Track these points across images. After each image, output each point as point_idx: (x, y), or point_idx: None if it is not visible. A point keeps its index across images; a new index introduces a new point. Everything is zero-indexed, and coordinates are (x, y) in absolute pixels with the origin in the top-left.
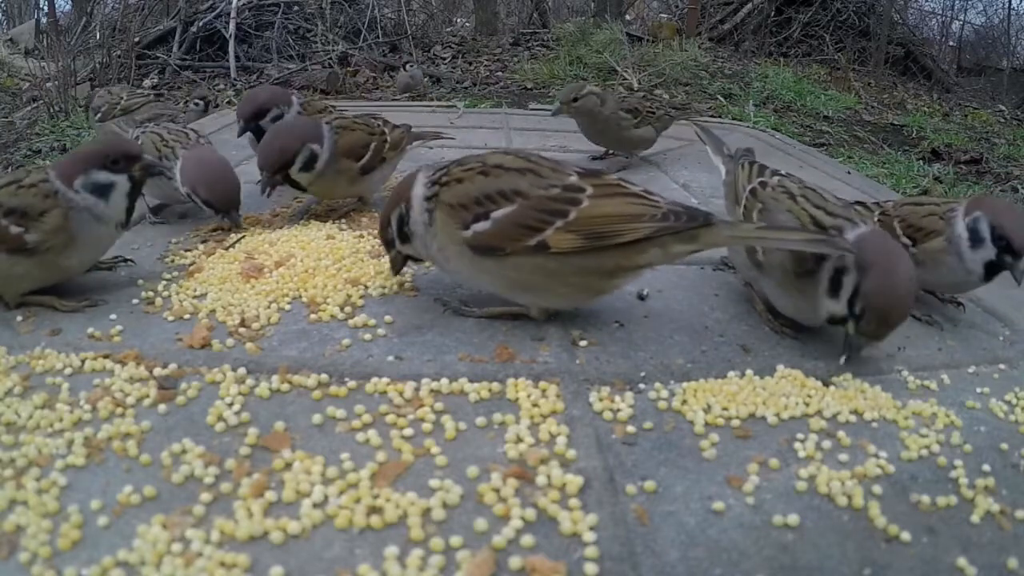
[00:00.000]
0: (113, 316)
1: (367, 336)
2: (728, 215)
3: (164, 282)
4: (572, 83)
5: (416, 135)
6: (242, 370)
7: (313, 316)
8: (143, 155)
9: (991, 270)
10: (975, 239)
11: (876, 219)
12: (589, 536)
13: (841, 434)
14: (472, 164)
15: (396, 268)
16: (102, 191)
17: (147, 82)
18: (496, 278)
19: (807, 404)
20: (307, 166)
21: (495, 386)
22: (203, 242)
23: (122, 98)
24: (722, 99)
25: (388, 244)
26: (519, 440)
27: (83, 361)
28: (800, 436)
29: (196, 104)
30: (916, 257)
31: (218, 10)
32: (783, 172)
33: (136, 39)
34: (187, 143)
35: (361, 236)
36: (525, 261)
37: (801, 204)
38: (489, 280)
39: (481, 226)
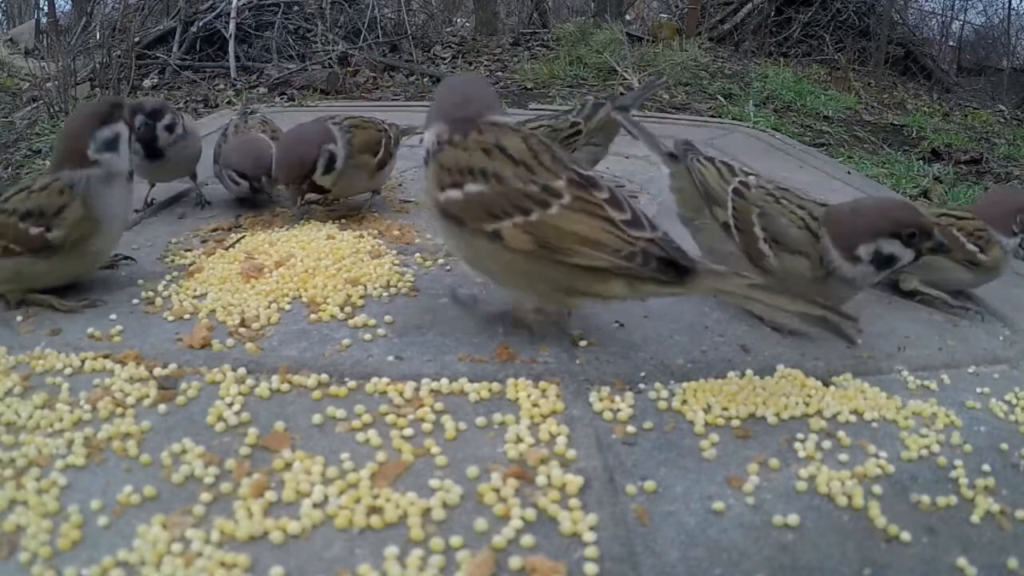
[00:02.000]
0: (113, 316)
1: (367, 336)
2: (694, 221)
3: (164, 282)
4: None
5: (404, 131)
6: (242, 370)
7: (313, 316)
8: (124, 100)
9: None
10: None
11: None
12: (589, 536)
13: (841, 434)
14: (486, 139)
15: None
16: (112, 145)
17: (147, 82)
18: (457, 245)
19: (807, 404)
20: (328, 167)
21: (495, 386)
22: (203, 242)
23: None
24: (722, 99)
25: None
26: (519, 440)
27: (83, 361)
28: (800, 436)
29: None
30: (985, 265)
31: (218, 10)
32: (747, 169)
33: (136, 39)
34: None
35: (361, 236)
36: (481, 242)
37: (787, 207)
38: (454, 246)
39: (453, 194)
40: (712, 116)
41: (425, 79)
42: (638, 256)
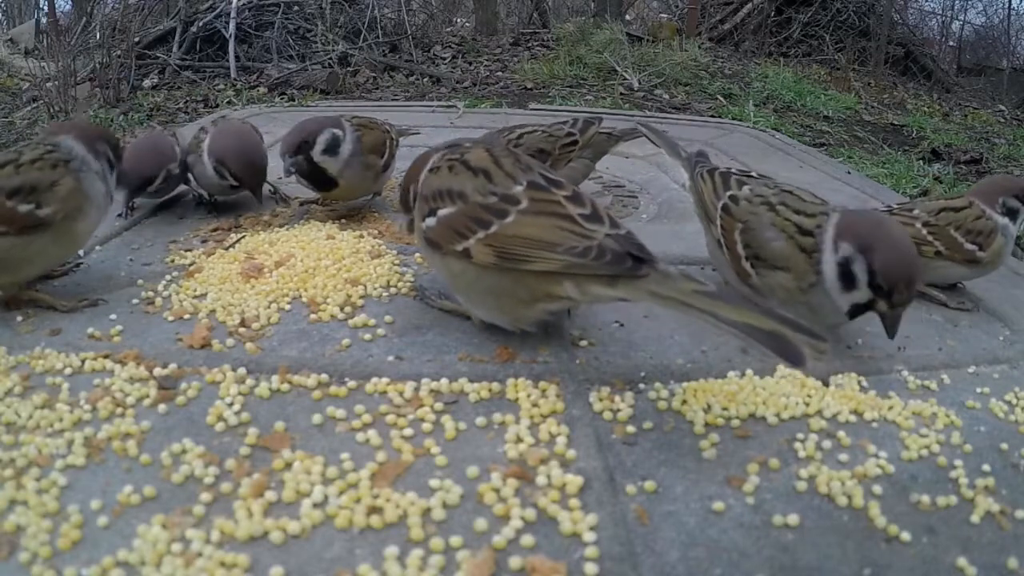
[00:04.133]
0: (113, 316)
1: (367, 336)
2: (704, 233)
3: (164, 282)
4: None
5: (400, 131)
6: (242, 370)
7: (313, 316)
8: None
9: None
10: (1012, 214)
11: (923, 229)
12: (589, 536)
13: (841, 434)
14: (453, 155)
15: (410, 229)
16: (109, 163)
17: (147, 82)
18: (439, 272)
19: (807, 404)
20: (330, 150)
21: (495, 386)
22: (203, 242)
23: None
24: (722, 99)
25: (405, 208)
26: (519, 440)
27: (83, 361)
28: (800, 436)
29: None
30: (983, 260)
31: (218, 10)
32: (753, 173)
33: (136, 39)
34: None
35: (361, 236)
36: (454, 264)
37: (782, 214)
38: (437, 272)
39: (431, 221)
40: (712, 116)
41: (425, 79)
42: (592, 251)
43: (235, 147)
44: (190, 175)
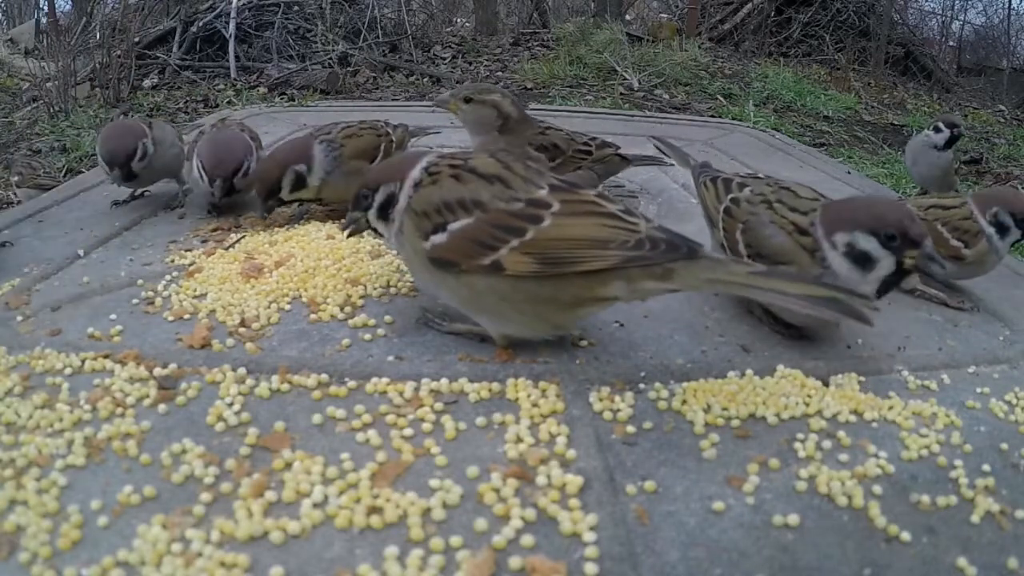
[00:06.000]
0: (113, 316)
1: (367, 336)
2: (710, 238)
3: (164, 282)
4: (480, 83)
5: (412, 132)
6: (242, 370)
7: (313, 316)
8: None
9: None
10: (1001, 229)
11: None
12: (589, 536)
13: (841, 434)
14: (455, 161)
15: (356, 232)
16: None
17: (147, 82)
18: (453, 294)
19: (807, 404)
20: (297, 185)
21: (495, 386)
22: (203, 242)
23: (39, 174)
24: (722, 99)
25: (361, 207)
26: (519, 440)
27: (83, 361)
28: (800, 436)
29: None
30: (967, 259)
31: (218, 10)
32: (759, 174)
33: (136, 39)
34: None
35: (361, 236)
36: (479, 280)
37: (779, 211)
38: (448, 295)
39: (439, 238)
40: (712, 116)
41: (425, 79)
42: (645, 243)
43: (211, 147)
44: (187, 180)
